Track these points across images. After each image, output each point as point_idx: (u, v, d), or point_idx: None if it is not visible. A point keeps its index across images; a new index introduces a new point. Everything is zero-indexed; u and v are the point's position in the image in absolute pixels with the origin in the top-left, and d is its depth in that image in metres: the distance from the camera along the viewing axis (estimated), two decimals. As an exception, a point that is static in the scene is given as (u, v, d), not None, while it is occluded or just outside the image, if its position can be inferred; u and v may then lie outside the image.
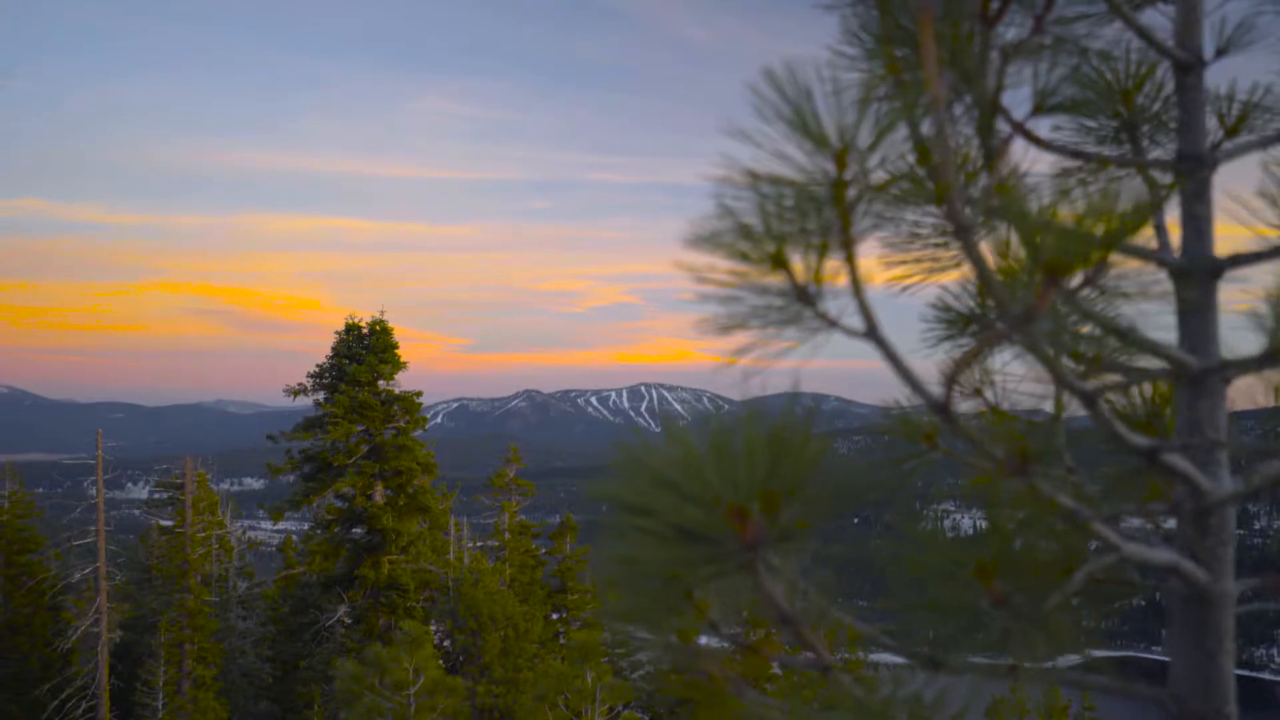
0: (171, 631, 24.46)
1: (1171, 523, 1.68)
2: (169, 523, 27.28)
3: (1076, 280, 1.17)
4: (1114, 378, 1.35)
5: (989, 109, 1.12)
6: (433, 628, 23.18)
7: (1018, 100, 1.29)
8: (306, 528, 28.93)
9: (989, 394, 1.78)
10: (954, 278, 1.47)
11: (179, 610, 25.03)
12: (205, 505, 27.93)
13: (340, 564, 24.94)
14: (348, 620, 24.55)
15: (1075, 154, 1.41)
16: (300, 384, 25.97)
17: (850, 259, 1.01)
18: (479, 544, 32.28)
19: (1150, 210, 0.99)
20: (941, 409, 1.02)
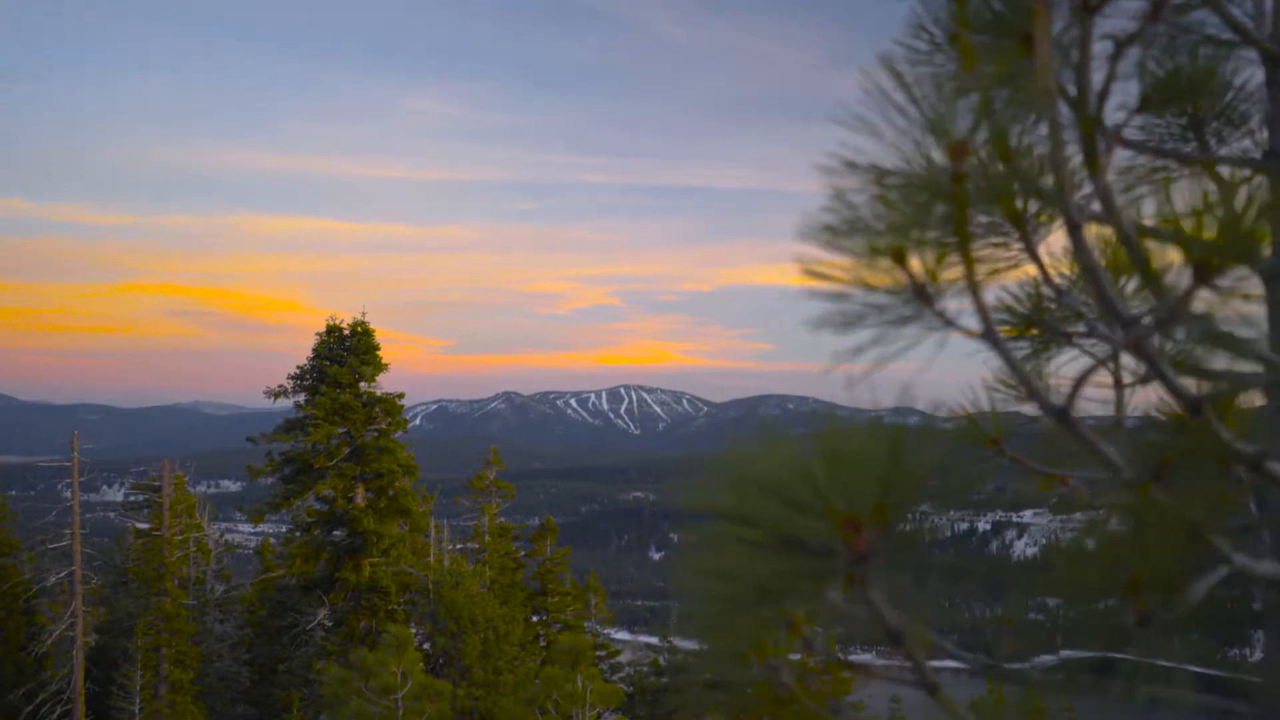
0: (148, 635, 24.19)
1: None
2: (145, 525, 26.99)
3: (1188, 283, 1.13)
4: (1202, 383, 1.31)
5: (1095, 105, 1.08)
6: (413, 630, 23.02)
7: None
8: (285, 530, 28.67)
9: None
10: (1013, 278, 1.42)
11: (155, 614, 24.76)
12: (182, 508, 27.66)
13: (320, 567, 24.73)
14: (328, 623, 24.35)
15: (1158, 152, 1.37)
16: (281, 385, 25.75)
17: (968, 256, 0.97)
18: (459, 546, 32.11)
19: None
20: (1063, 415, 0.97)
